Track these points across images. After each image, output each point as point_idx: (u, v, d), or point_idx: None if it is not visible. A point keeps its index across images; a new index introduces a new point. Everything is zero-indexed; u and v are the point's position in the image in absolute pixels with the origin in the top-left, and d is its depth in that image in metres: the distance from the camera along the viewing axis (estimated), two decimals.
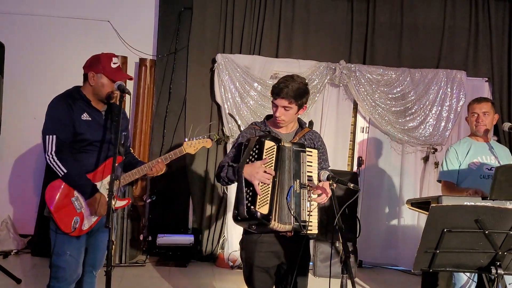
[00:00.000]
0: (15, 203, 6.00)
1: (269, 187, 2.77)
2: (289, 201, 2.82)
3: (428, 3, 6.12)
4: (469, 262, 2.51)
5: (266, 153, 2.81)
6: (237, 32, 5.86)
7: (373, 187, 6.08)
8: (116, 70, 3.07)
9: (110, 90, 3.05)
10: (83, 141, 3.04)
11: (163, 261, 5.55)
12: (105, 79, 3.04)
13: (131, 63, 5.90)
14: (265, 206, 2.74)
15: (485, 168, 3.71)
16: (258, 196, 2.74)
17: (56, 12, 6.00)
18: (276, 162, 2.81)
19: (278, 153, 2.82)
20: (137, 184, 5.76)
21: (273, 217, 2.76)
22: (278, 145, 2.84)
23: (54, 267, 3.04)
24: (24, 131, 5.82)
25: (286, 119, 2.99)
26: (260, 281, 3.00)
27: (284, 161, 2.87)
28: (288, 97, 2.91)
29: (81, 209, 3.02)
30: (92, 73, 3.06)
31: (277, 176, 2.82)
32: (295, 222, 2.82)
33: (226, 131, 5.70)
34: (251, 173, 2.77)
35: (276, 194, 2.80)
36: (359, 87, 5.83)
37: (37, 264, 5.27)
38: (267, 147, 2.82)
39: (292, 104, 2.93)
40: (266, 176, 2.76)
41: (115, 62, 3.09)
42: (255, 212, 2.71)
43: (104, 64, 3.04)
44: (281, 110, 2.95)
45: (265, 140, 2.84)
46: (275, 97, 2.96)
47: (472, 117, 3.83)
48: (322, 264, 5.39)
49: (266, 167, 2.78)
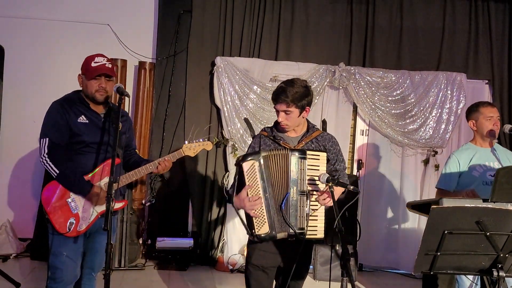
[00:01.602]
0: (14, 206, 5.98)
1: (263, 207, 2.84)
2: (283, 209, 2.83)
3: (427, 5, 6.12)
4: (470, 265, 2.49)
5: (247, 176, 2.84)
6: (236, 35, 5.87)
7: (373, 190, 6.06)
8: (95, 68, 3.08)
9: (93, 89, 3.07)
10: (80, 143, 3.07)
11: (162, 264, 5.53)
12: (87, 79, 3.09)
13: (130, 66, 5.90)
14: (264, 225, 2.84)
15: (488, 174, 3.61)
16: (254, 220, 2.84)
17: (56, 16, 6.00)
18: (262, 178, 2.84)
19: (260, 167, 2.83)
20: (136, 187, 5.75)
21: (276, 230, 2.85)
22: (259, 159, 2.84)
23: (52, 267, 3.07)
24: (24, 134, 5.80)
25: (290, 123, 3.00)
26: (255, 280, 3.01)
27: (276, 170, 2.86)
28: (285, 101, 2.93)
29: (77, 210, 3.05)
30: (80, 76, 3.17)
31: (269, 190, 2.85)
32: (290, 230, 2.84)
33: (226, 134, 5.69)
34: (239, 206, 2.88)
35: (273, 208, 2.86)
36: (358, 89, 5.82)
37: (36, 268, 5.25)
38: (246, 169, 2.84)
39: (292, 107, 2.94)
40: (253, 204, 2.82)
41: (97, 61, 3.10)
42: (258, 236, 2.86)
43: (87, 64, 3.11)
44: (282, 114, 2.98)
45: (242, 162, 2.86)
46: (275, 103, 3.00)
47: (488, 121, 3.66)
48: (322, 267, 5.36)
49: (251, 192, 2.83)
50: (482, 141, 3.74)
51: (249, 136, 5.61)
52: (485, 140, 3.73)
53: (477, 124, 3.73)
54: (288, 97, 2.93)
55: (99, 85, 3.07)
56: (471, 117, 3.78)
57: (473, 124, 3.75)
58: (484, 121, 3.68)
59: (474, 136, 3.80)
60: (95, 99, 3.10)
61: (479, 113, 3.71)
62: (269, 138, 3.07)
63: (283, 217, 2.84)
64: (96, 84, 3.07)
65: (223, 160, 5.78)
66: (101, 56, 3.14)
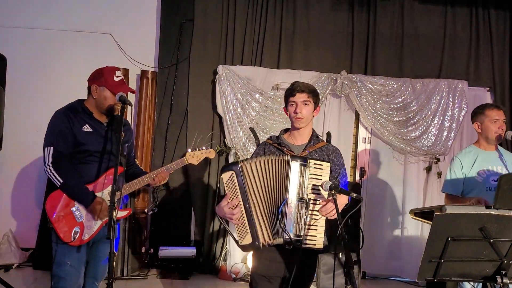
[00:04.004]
0: (17, 216, 5.98)
1: (244, 217, 2.82)
2: (280, 214, 2.82)
3: (428, 13, 6.14)
4: (474, 272, 2.49)
5: (227, 186, 2.84)
6: (238, 43, 5.89)
7: (376, 198, 6.05)
8: (119, 83, 3.11)
9: (112, 103, 3.09)
10: (84, 152, 3.07)
11: (165, 273, 5.51)
12: (108, 92, 3.09)
13: (132, 75, 5.91)
14: (247, 236, 2.82)
15: (492, 180, 3.57)
16: (237, 231, 2.84)
17: (58, 25, 6.02)
18: (241, 188, 2.81)
19: (240, 177, 2.81)
20: (139, 196, 5.74)
21: (261, 238, 2.81)
22: (238, 169, 2.82)
23: (55, 277, 3.05)
24: (26, 144, 5.81)
25: (306, 116, 3.02)
26: None
27: (266, 177, 2.84)
28: (305, 91, 3.00)
29: (82, 219, 3.05)
30: (95, 86, 3.12)
31: (251, 199, 2.82)
32: (286, 236, 2.81)
33: (228, 142, 5.69)
34: (221, 215, 2.87)
35: (257, 215, 2.82)
36: (360, 97, 5.83)
37: (39, 278, 5.24)
38: (225, 180, 2.84)
39: (310, 99, 3.02)
40: (230, 212, 2.81)
41: (118, 75, 3.13)
42: (241, 246, 2.85)
43: (107, 77, 3.09)
44: (301, 105, 3.00)
45: (221, 174, 2.88)
46: (293, 94, 3.02)
47: (493, 124, 3.62)
48: (325, 275, 5.33)
49: (231, 200, 2.82)
50: (486, 144, 3.71)
51: (251, 145, 5.62)
52: (490, 143, 3.69)
53: (482, 126, 3.69)
54: (307, 88, 3.03)
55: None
56: (476, 119, 3.74)
57: (478, 126, 3.71)
58: (489, 123, 3.64)
59: (478, 139, 3.77)
60: (110, 111, 3.12)
61: (485, 115, 3.68)
62: (273, 145, 3.07)
63: (279, 223, 2.82)
64: (115, 98, 3.08)
65: None
66: (119, 69, 3.17)
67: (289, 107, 3.05)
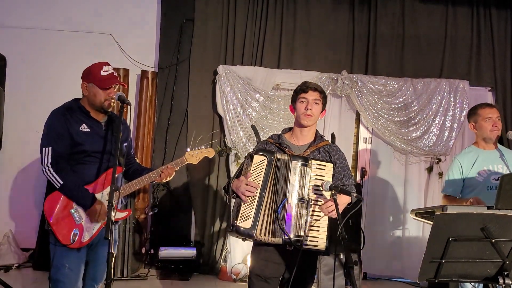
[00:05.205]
0: (17, 217, 5.97)
1: (254, 201, 2.81)
2: (279, 214, 2.79)
3: (429, 12, 6.13)
4: (475, 272, 2.47)
5: (254, 167, 2.84)
6: (238, 43, 5.87)
7: (377, 198, 6.03)
8: (106, 77, 3.06)
9: (103, 98, 3.05)
10: (82, 152, 3.03)
11: (165, 274, 5.49)
12: (96, 88, 3.05)
13: (133, 75, 5.90)
14: (247, 220, 2.79)
15: (493, 178, 3.56)
16: (241, 211, 2.80)
17: (58, 26, 6.02)
18: (266, 176, 2.82)
19: (269, 166, 2.83)
20: (139, 196, 5.73)
21: (258, 231, 2.80)
22: (270, 159, 2.84)
23: (53, 280, 3.01)
24: (26, 144, 5.80)
25: (315, 114, 3.02)
26: None
27: (278, 174, 2.85)
28: (318, 90, 3.03)
29: (81, 221, 3.00)
30: (85, 83, 3.10)
31: (267, 190, 2.82)
32: (285, 236, 2.79)
33: (228, 142, 5.68)
34: (236, 187, 2.85)
35: (265, 208, 2.82)
36: (361, 97, 5.81)
37: (39, 278, 5.22)
38: (255, 161, 2.85)
39: (320, 99, 3.03)
40: (248, 189, 2.79)
41: (106, 70, 3.08)
42: (237, 227, 2.81)
43: (94, 73, 3.07)
44: (312, 103, 3.00)
45: (255, 154, 2.87)
46: (306, 91, 3.02)
47: (486, 122, 3.63)
48: (326, 276, 5.31)
49: (251, 180, 2.81)
50: (485, 144, 3.71)
51: (251, 145, 5.60)
52: (488, 142, 3.70)
53: (477, 126, 3.72)
54: (319, 88, 3.04)
55: (109, 95, 3.06)
56: (470, 119, 3.78)
57: (473, 126, 3.75)
58: (483, 122, 3.67)
59: (476, 139, 3.78)
60: (103, 108, 3.08)
61: (477, 115, 3.71)
62: (274, 144, 3.06)
63: (278, 222, 2.80)
64: (106, 94, 3.05)
65: (226, 169, 5.76)
66: (107, 64, 3.12)
67: (298, 103, 3.03)
